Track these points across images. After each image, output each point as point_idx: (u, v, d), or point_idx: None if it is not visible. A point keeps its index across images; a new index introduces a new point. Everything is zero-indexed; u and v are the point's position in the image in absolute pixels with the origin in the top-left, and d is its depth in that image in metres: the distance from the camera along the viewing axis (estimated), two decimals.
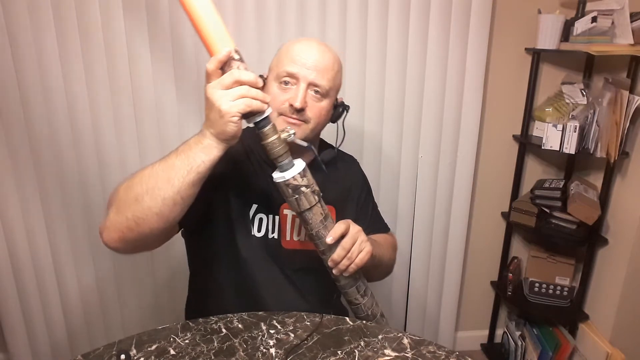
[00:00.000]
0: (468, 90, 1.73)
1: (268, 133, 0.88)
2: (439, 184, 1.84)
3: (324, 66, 1.01)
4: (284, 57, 1.03)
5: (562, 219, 1.80)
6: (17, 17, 1.41)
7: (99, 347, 0.92)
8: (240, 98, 0.81)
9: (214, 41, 0.84)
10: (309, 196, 0.92)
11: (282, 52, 1.05)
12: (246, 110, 0.81)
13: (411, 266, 1.93)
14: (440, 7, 1.62)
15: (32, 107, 1.50)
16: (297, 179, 0.90)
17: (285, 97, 1.00)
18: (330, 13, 1.58)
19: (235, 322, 1.00)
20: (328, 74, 1.02)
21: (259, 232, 1.08)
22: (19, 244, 1.62)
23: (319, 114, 1.04)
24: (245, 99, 0.81)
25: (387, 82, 1.68)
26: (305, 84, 1.00)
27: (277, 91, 1.02)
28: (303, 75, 1.00)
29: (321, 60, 1.01)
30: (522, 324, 2.05)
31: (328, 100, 1.05)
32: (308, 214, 0.93)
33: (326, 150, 1.15)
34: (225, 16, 1.52)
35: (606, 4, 1.60)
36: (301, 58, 1.00)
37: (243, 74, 0.82)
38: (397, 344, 0.94)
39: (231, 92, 0.81)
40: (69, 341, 1.77)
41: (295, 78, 1.00)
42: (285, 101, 1.00)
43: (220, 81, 0.81)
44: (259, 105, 0.83)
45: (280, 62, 1.03)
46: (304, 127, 1.02)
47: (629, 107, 1.58)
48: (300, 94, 0.99)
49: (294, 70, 1.00)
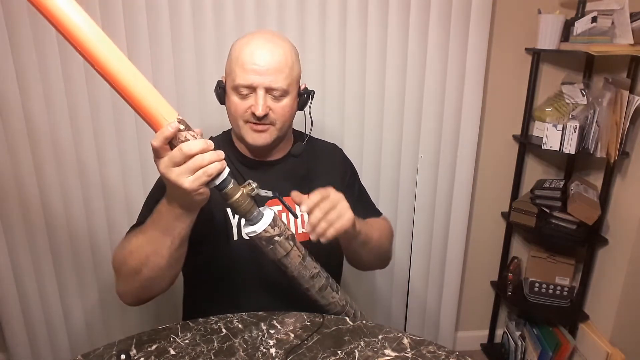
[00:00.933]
0: (468, 90, 1.73)
1: (231, 193, 0.84)
2: (439, 184, 1.84)
3: (276, 67, 0.99)
4: (234, 66, 1.00)
5: (562, 219, 1.80)
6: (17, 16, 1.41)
7: (99, 347, 0.92)
8: (197, 170, 0.77)
9: (156, 116, 0.77)
10: (283, 244, 0.90)
11: (232, 57, 1.02)
12: (208, 180, 0.78)
13: (411, 266, 1.93)
14: (440, 7, 1.62)
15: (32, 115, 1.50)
16: (268, 231, 0.88)
17: (246, 105, 1.01)
18: (330, 13, 1.58)
19: (235, 322, 1.00)
20: (283, 73, 1.00)
21: None
22: (19, 244, 1.62)
23: (283, 113, 1.04)
24: (202, 170, 0.77)
25: (387, 82, 1.68)
26: (262, 90, 0.99)
27: (237, 101, 1.02)
28: (258, 83, 0.99)
29: (272, 62, 0.99)
30: (522, 324, 2.05)
31: (290, 96, 1.04)
32: (286, 260, 0.92)
33: (295, 145, 1.16)
34: (225, 16, 1.52)
35: (606, 4, 1.60)
36: (252, 65, 0.98)
37: (193, 146, 0.76)
38: (397, 344, 0.94)
39: (188, 167, 0.77)
40: (69, 341, 1.77)
41: (251, 88, 1.00)
42: (248, 109, 1.01)
43: (172, 159, 0.77)
44: (218, 168, 0.79)
45: (233, 72, 1.01)
46: (271, 130, 1.04)
47: (629, 107, 1.58)
48: (260, 102, 0.99)
49: (247, 83, 0.99)
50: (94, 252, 1.69)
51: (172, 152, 0.77)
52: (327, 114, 1.68)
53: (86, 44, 0.73)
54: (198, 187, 0.78)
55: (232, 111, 1.04)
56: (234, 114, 1.04)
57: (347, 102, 1.69)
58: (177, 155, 0.76)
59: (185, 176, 0.77)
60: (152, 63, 1.54)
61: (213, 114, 1.57)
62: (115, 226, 1.67)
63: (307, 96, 1.11)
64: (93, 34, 0.73)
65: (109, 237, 1.68)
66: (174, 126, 0.76)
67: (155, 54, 1.53)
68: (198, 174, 0.77)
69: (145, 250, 0.89)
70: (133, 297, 0.97)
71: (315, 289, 0.98)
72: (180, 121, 0.78)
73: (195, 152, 0.76)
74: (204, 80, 1.57)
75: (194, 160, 0.77)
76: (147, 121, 0.79)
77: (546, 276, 1.93)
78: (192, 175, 0.77)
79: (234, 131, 1.11)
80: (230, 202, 0.85)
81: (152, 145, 0.77)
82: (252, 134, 1.03)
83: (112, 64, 0.74)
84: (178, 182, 0.77)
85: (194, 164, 0.77)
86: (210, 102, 1.58)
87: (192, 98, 1.60)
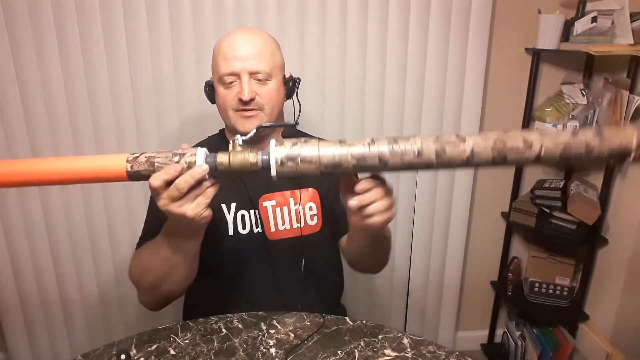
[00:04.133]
0: (468, 90, 1.73)
1: (223, 166, 0.77)
2: (439, 184, 1.84)
3: (256, 52, 1.02)
4: (217, 58, 1.04)
5: (562, 219, 1.80)
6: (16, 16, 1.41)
7: (99, 347, 0.92)
8: (196, 198, 0.77)
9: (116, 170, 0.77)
10: (306, 157, 0.73)
11: (215, 53, 1.07)
12: (207, 203, 0.79)
13: (411, 266, 1.93)
14: (440, 7, 1.62)
15: (32, 109, 1.50)
16: (281, 151, 0.74)
17: (233, 93, 1.03)
18: (330, 14, 1.58)
19: (235, 322, 1.00)
20: (264, 58, 1.03)
21: (244, 229, 1.09)
22: (19, 244, 1.62)
23: (269, 97, 1.05)
24: (200, 197, 0.78)
25: (387, 82, 1.68)
26: (245, 75, 1.02)
27: (224, 92, 1.04)
28: (240, 68, 1.01)
29: (251, 48, 1.02)
30: (522, 324, 2.05)
31: (275, 81, 1.06)
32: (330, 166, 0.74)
33: (285, 130, 1.13)
34: (225, 16, 1.53)
35: (606, 4, 1.60)
36: (233, 53, 1.01)
37: (188, 180, 0.75)
38: (397, 344, 0.94)
39: (188, 198, 0.77)
40: (69, 341, 1.77)
41: (235, 75, 1.02)
42: (235, 97, 1.03)
43: (170, 196, 0.76)
44: (214, 191, 0.79)
45: (216, 65, 1.05)
46: (261, 116, 1.04)
47: (629, 107, 1.58)
48: (245, 86, 1.01)
49: (230, 69, 1.02)
50: (94, 252, 1.69)
51: (169, 191, 0.76)
52: (326, 114, 1.69)
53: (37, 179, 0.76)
54: (201, 211, 0.78)
55: (220, 103, 1.06)
56: (222, 106, 1.06)
57: (347, 102, 1.69)
58: (174, 193, 0.75)
59: (187, 206, 0.77)
60: (152, 63, 1.54)
61: (213, 115, 1.58)
62: (116, 226, 1.67)
63: (293, 84, 1.12)
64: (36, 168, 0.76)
65: (109, 237, 1.69)
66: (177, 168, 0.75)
67: (156, 54, 1.53)
68: (198, 200, 0.78)
69: (161, 269, 0.92)
70: (156, 305, 1.02)
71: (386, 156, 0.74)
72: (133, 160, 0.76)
73: (190, 186, 0.75)
74: (204, 79, 1.57)
75: (191, 191, 0.77)
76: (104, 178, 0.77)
77: (546, 276, 1.93)
78: (193, 203, 0.77)
79: (226, 125, 1.13)
80: (231, 171, 0.77)
81: (150, 184, 0.76)
82: (242, 120, 1.04)
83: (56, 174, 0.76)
84: (181, 214, 0.77)
85: (193, 193, 0.77)
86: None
87: (193, 98, 1.60)
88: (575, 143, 0.71)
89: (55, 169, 0.76)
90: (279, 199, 1.11)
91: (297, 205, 1.11)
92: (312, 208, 1.12)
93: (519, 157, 0.72)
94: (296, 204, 1.11)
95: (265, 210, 1.10)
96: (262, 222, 1.10)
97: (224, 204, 1.08)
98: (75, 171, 0.76)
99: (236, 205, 1.08)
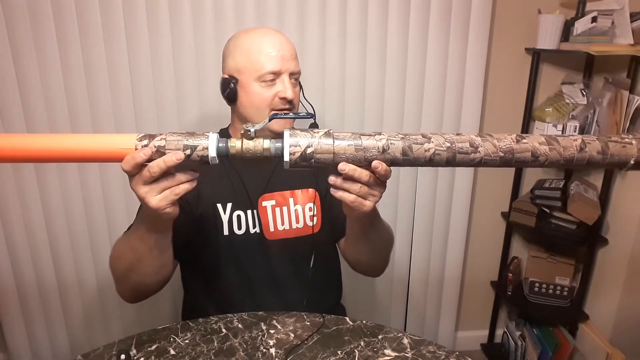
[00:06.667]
0: (468, 90, 1.73)
1: (235, 151, 0.75)
2: (439, 184, 1.84)
3: (293, 53, 1.05)
4: (257, 56, 1.01)
5: (562, 219, 1.80)
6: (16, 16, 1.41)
7: (99, 347, 0.92)
8: (165, 190, 0.76)
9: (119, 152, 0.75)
10: (323, 149, 0.74)
11: (249, 50, 1.02)
12: (174, 199, 0.76)
13: (411, 266, 1.93)
14: (440, 7, 1.62)
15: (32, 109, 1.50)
16: (293, 147, 0.74)
17: (272, 92, 1.03)
18: (330, 14, 1.58)
19: (235, 322, 1.00)
20: (297, 59, 1.06)
21: (240, 230, 1.09)
22: (18, 244, 1.62)
23: (298, 98, 1.08)
24: (170, 190, 0.76)
25: (387, 82, 1.68)
26: (287, 75, 1.03)
27: (260, 90, 1.03)
28: (286, 68, 1.02)
29: (291, 48, 1.05)
30: (522, 324, 2.05)
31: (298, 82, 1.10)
32: (343, 155, 0.75)
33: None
34: (224, 16, 1.52)
35: (606, 4, 1.60)
36: (277, 52, 1.02)
37: (159, 165, 0.73)
38: (397, 344, 0.94)
39: (158, 186, 0.75)
40: (69, 341, 1.77)
41: (277, 74, 1.02)
42: (274, 96, 1.03)
43: (141, 177, 0.75)
44: (187, 189, 0.77)
45: (256, 62, 1.01)
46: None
47: (629, 107, 1.58)
48: (288, 86, 1.03)
49: (276, 68, 1.01)
50: (93, 251, 1.69)
51: (142, 172, 0.74)
52: (327, 114, 1.68)
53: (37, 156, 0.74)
54: (165, 206, 0.76)
55: (256, 102, 1.03)
56: (258, 105, 1.03)
57: (347, 102, 1.69)
58: (145, 175, 0.74)
59: (152, 194, 0.75)
60: (152, 63, 1.54)
61: (214, 115, 1.58)
62: (115, 226, 1.67)
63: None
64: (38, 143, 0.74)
65: (108, 236, 1.69)
66: (146, 152, 0.73)
67: (156, 54, 1.53)
68: (165, 193, 0.76)
69: (129, 258, 0.92)
70: (129, 296, 1.01)
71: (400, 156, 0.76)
72: (143, 137, 0.75)
73: (162, 171, 0.73)
74: (204, 80, 1.57)
75: (163, 180, 0.75)
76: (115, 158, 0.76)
77: (546, 276, 1.93)
78: (159, 195, 0.76)
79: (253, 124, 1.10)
80: (243, 156, 0.76)
81: (122, 168, 0.75)
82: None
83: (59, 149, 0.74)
84: (145, 200, 0.76)
85: (163, 184, 0.75)
86: (210, 101, 1.59)
87: (192, 98, 1.60)
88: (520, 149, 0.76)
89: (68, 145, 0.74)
90: (279, 199, 1.11)
91: (297, 205, 1.12)
92: (312, 209, 1.13)
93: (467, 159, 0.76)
94: (296, 204, 1.12)
95: (265, 210, 1.10)
96: (260, 222, 1.10)
97: (219, 203, 1.07)
98: (84, 149, 0.74)
99: (232, 205, 1.08)
